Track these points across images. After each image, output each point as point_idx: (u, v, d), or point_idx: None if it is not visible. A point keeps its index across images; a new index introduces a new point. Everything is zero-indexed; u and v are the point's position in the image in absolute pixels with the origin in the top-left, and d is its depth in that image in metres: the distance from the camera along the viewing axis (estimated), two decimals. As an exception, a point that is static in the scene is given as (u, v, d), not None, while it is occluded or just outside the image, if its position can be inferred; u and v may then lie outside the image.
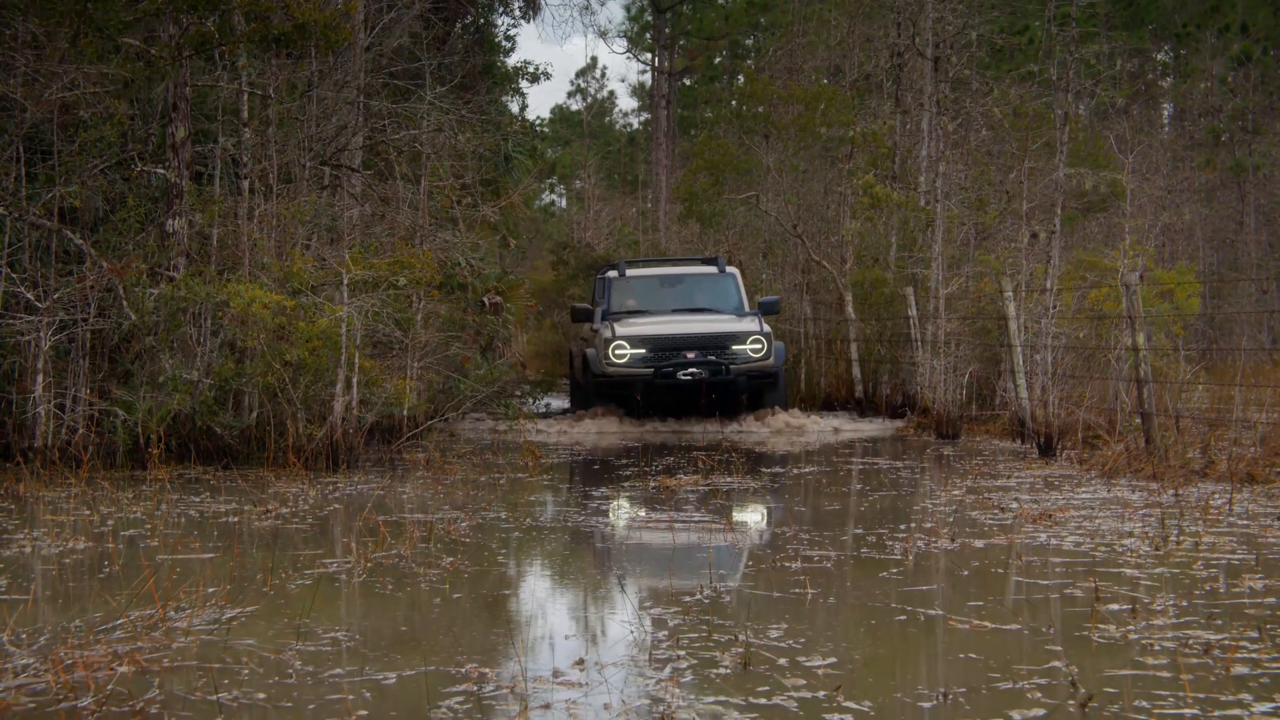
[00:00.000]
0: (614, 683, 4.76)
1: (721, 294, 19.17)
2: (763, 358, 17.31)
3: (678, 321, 17.96)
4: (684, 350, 17.20)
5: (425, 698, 4.62)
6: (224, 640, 5.43)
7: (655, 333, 17.46)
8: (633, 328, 17.65)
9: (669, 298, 19.25)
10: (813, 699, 4.57)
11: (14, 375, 12.19)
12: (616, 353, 17.29)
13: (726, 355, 17.18)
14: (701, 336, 17.36)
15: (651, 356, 17.26)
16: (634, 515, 9.42)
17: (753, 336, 17.33)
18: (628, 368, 17.31)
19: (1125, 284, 13.08)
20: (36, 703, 4.43)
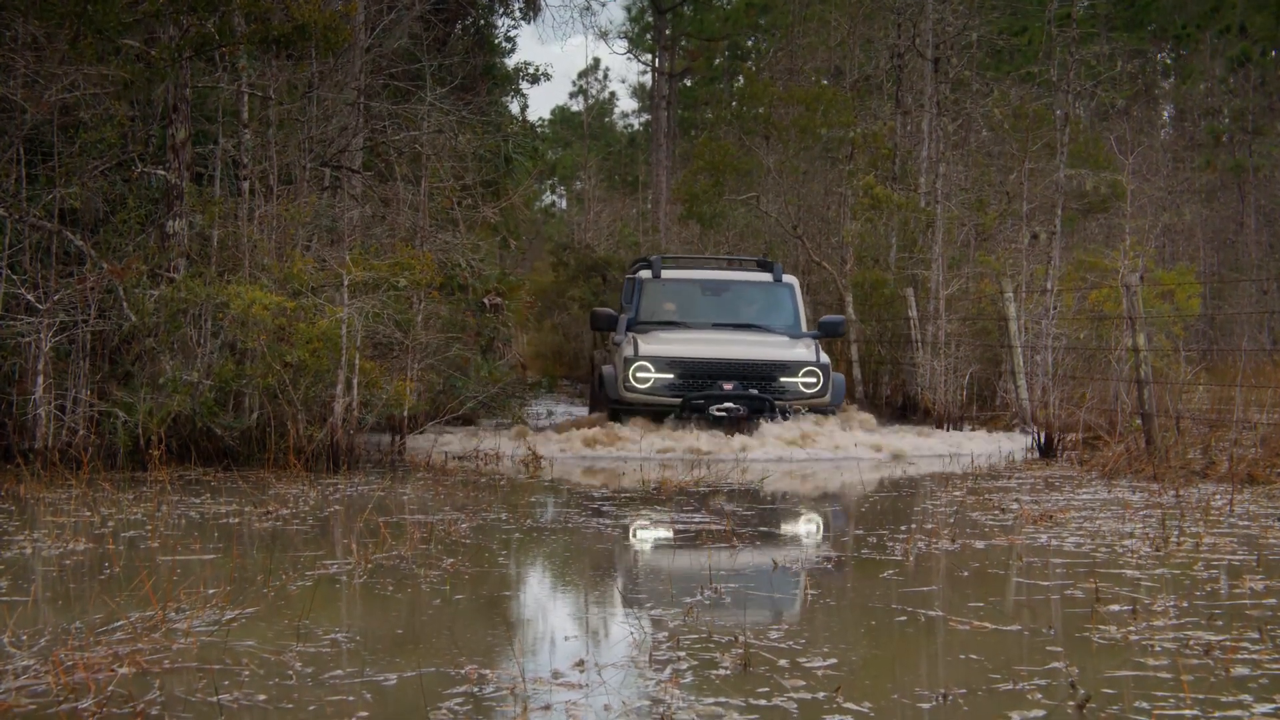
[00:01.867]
0: (613, 684, 4.76)
1: (775, 308, 16.43)
2: (817, 393, 14.80)
3: (717, 342, 15.25)
4: (721, 379, 14.64)
5: (425, 699, 4.62)
6: (224, 641, 5.43)
7: (688, 354, 14.87)
8: (661, 345, 15.10)
9: (711, 308, 16.54)
10: (812, 700, 4.57)
11: (14, 376, 12.19)
12: (638, 375, 14.79)
13: (773, 388, 14.69)
14: (744, 364, 14.74)
15: (680, 384, 14.72)
16: (635, 515, 9.41)
17: (807, 368, 14.77)
18: (651, 394, 14.81)
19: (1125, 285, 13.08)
20: (37, 704, 4.43)
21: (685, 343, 15.22)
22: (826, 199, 24.43)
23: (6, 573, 7.15)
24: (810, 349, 14.99)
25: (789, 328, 16.00)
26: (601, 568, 7.50)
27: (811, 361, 14.81)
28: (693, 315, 16.33)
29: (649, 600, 6.35)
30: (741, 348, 15.00)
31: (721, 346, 15.05)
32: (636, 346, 14.90)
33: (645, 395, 14.78)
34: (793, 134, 24.63)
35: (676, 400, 14.67)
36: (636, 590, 6.63)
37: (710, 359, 14.76)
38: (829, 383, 14.82)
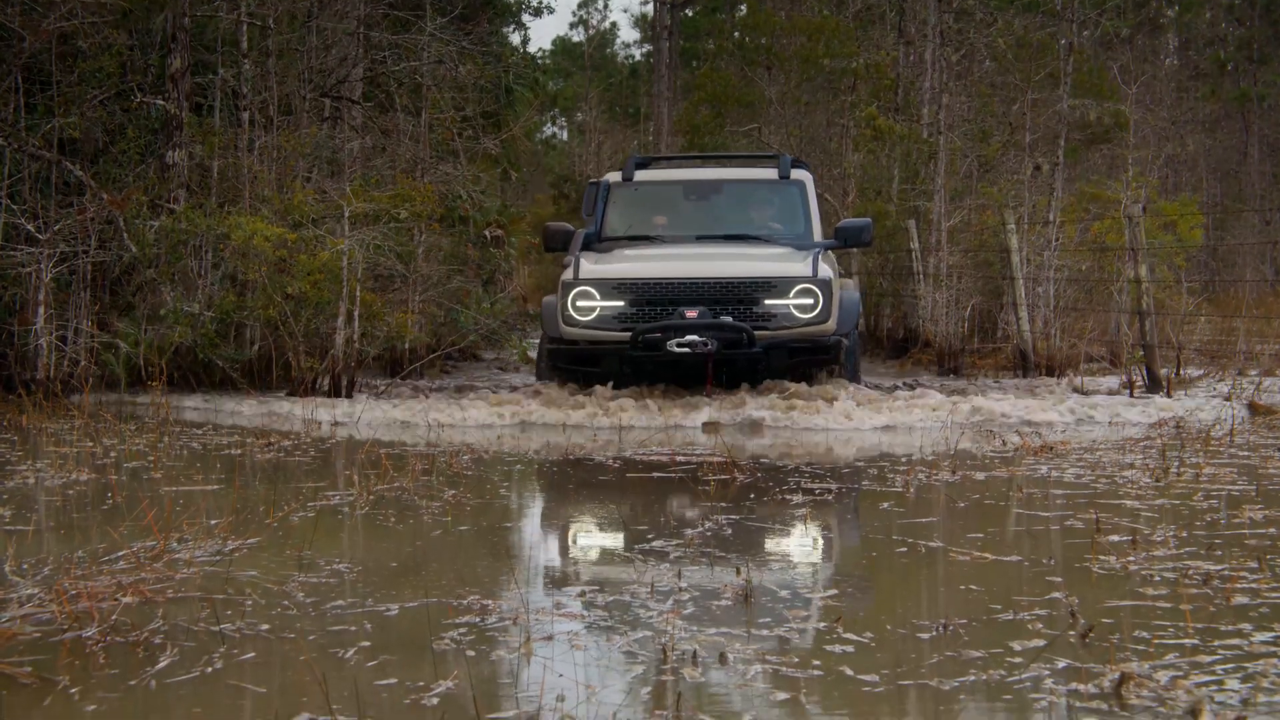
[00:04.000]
0: (616, 614, 4.77)
1: (780, 212, 13.01)
2: (816, 319, 11.31)
3: (688, 258, 11.83)
4: (683, 305, 11.20)
5: (428, 629, 4.64)
6: (227, 572, 5.44)
7: (641, 274, 11.43)
8: (610, 265, 11.72)
9: (696, 217, 13.08)
10: (813, 630, 4.58)
11: (15, 307, 12.19)
12: (578, 305, 11.42)
13: (755, 315, 11.26)
14: (715, 284, 11.29)
15: (633, 313, 11.32)
16: (637, 448, 9.42)
17: (800, 285, 11.28)
18: (595, 329, 11.43)
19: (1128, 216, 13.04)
20: (42, 632, 4.45)
21: (644, 260, 11.78)
22: (829, 130, 24.32)
23: (9, 502, 7.17)
24: (807, 262, 11.38)
25: (798, 237, 12.43)
26: (603, 501, 7.51)
27: (806, 277, 11.22)
28: (674, 227, 12.92)
29: (651, 532, 6.36)
30: (715, 263, 11.54)
31: (689, 263, 11.59)
32: (578, 268, 11.47)
33: (588, 330, 11.41)
34: (795, 65, 24.48)
35: (626, 335, 11.28)
36: (638, 522, 6.64)
37: (670, 279, 11.28)
38: (831, 305, 11.28)
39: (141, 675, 4.04)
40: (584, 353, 11.58)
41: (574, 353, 11.62)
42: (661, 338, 11.05)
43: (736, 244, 12.41)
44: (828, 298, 11.31)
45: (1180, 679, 3.95)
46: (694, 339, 10.93)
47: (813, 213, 12.83)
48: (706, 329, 11.00)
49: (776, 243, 12.42)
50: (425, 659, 4.28)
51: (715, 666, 4.18)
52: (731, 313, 11.21)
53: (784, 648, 4.40)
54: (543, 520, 7.09)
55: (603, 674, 4.10)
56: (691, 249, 12.22)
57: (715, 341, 10.94)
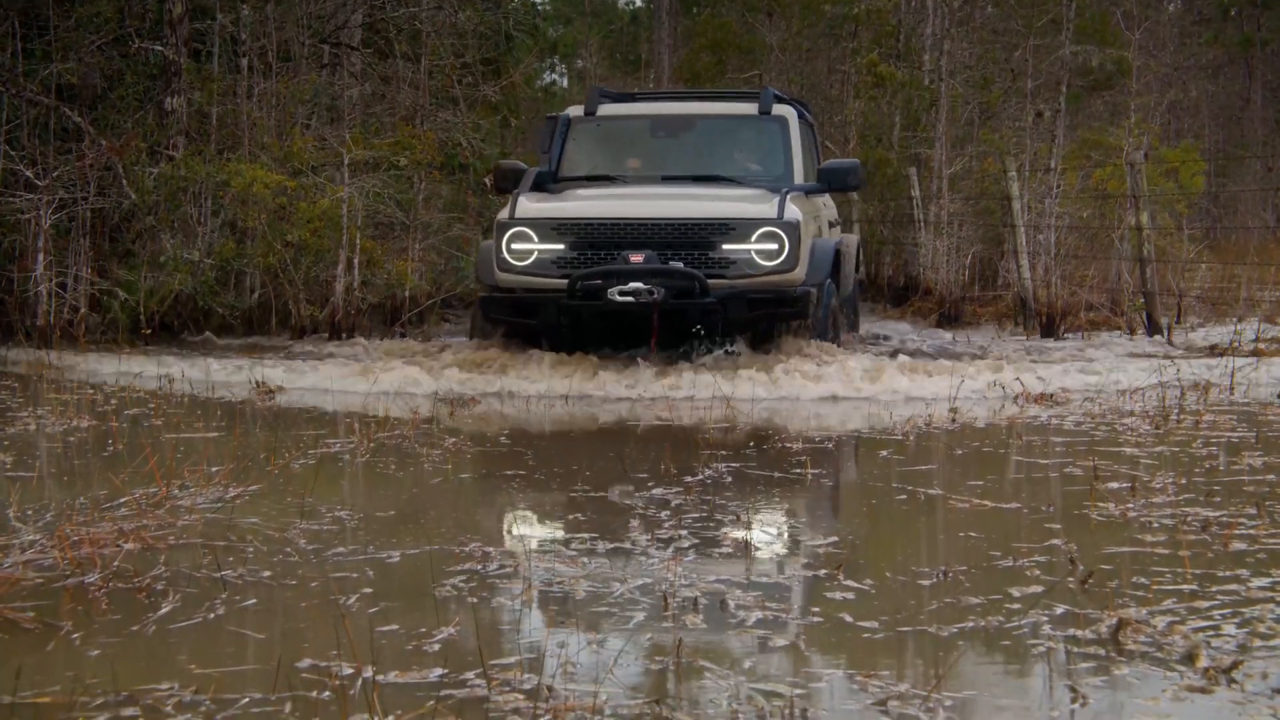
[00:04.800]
0: (617, 562, 4.79)
1: (758, 152, 11.56)
2: (780, 267, 9.95)
3: (641, 197, 10.51)
4: (629, 249, 9.87)
5: (429, 576, 4.65)
6: (228, 519, 5.46)
7: (583, 214, 10.17)
8: (550, 204, 10.44)
9: (664, 155, 11.73)
10: (814, 578, 4.60)
11: (15, 254, 12.18)
12: (514, 248, 10.08)
13: (711, 261, 9.90)
14: (664, 225, 9.95)
15: (573, 258, 9.98)
16: (639, 395, 9.42)
17: (763, 229, 9.91)
18: (532, 275, 10.06)
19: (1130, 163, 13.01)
20: (44, 578, 4.47)
21: (589, 199, 10.50)
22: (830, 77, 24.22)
23: (11, 448, 7.18)
24: (772, 203, 10.02)
25: (777, 179, 11.00)
26: (603, 449, 7.52)
27: (768, 219, 9.86)
28: (641, 167, 11.63)
29: (651, 480, 6.38)
30: (667, 202, 10.24)
31: (638, 202, 10.28)
32: (514, 206, 10.19)
33: (525, 276, 10.04)
34: (796, 11, 24.36)
35: (564, 283, 9.88)
36: (639, 469, 6.65)
37: (614, 219, 9.97)
38: (798, 251, 9.92)
39: (144, 621, 4.06)
40: (519, 302, 10.12)
41: (508, 302, 10.17)
42: (602, 285, 9.65)
43: (705, 186, 10.86)
44: (794, 243, 9.86)
45: (1177, 624, 3.97)
46: (638, 286, 9.57)
47: (795, 152, 11.35)
48: (653, 275, 9.62)
49: (752, 185, 10.82)
50: (427, 606, 4.30)
51: (716, 613, 4.19)
52: (684, 258, 9.82)
53: (784, 595, 4.42)
54: (542, 464, 7.09)
55: (604, 621, 4.12)
56: (648, 189, 10.78)
57: (663, 290, 9.59)
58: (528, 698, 3.35)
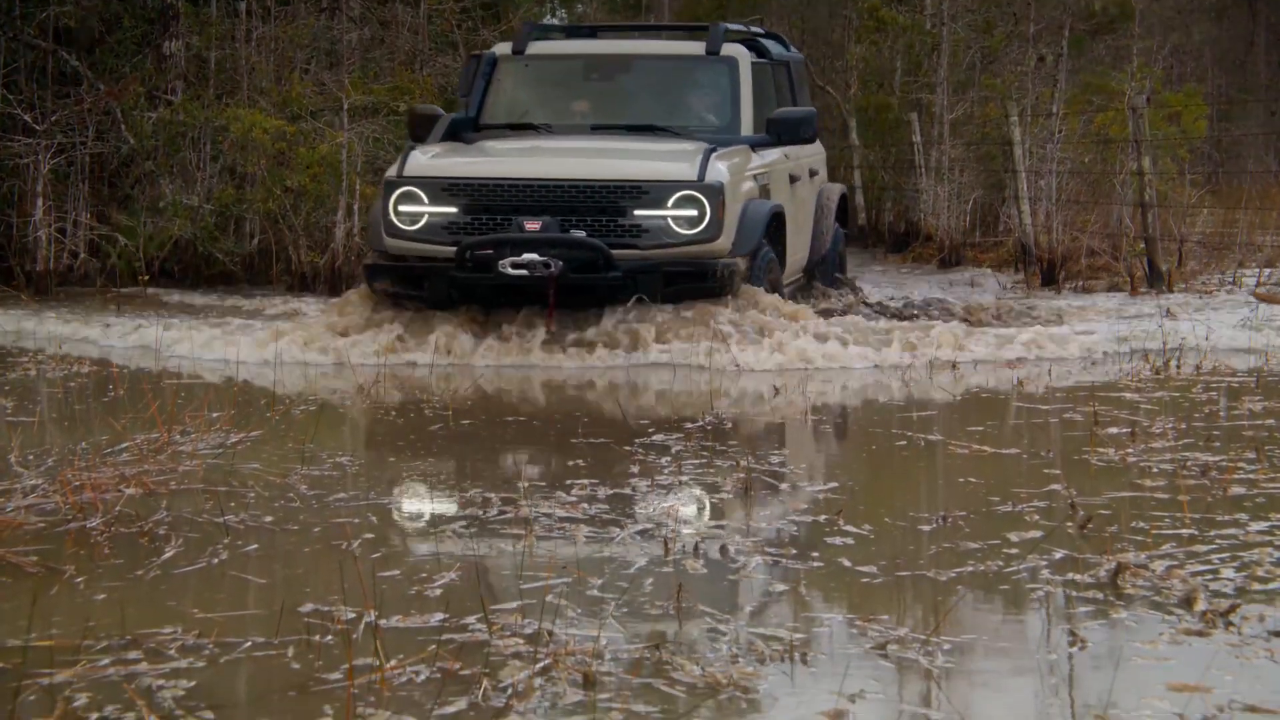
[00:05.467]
0: (618, 507, 4.81)
1: (701, 99, 10.22)
2: (700, 235, 8.62)
3: (541, 152, 9.40)
4: (527, 214, 8.62)
5: (430, 522, 4.67)
6: (229, 464, 5.48)
7: (477, 173, 8.96)
8: (445, 160, 9.23)
9: (596, 102, 10.37)
10: (814, 523, 4.62)
11: (14, 199, 12.15)
12: (401, 210, 8.84)
13: (622, 229, 8.63)
14: (567, 186, 8.70)
15: (467, 223, 8.71)
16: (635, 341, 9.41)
17: (680, 193, 8.63)
18: (422, 241, 8.80)
19: (1132, 107, 12.95)
20: (46, 522, 4.49)
21: (488, 157, 9.41)
22: (831, 22, 24.06)
23: (12, 394, 7.19)
24: (694, 161, 8.73)
25: (721, 129, 9.76)
26: (604, 396, 7.54)
27: (686, 181, 8.63)
28: (568, 114, 10.26)
29: (651, 426, 6.39)
30: (573, 160, 9.09)
31: (541, 160, 9.18)
32: (404, 161, 9.04)
33: (414, 243, 8.80)
34: (797, -47, 24.18)
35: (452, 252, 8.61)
36: (640, 416, 6.66)
37: (510, 179, 8.81)
38: (721, 217, 8.65)
39: (147, 565, 4.08)
40: (406, 272, 8.91)
41: (395, 271, 8.94)
42: (494, 255, 8.40)
43: (637, 138, 9.60)
44: (716, 207, 8.54)
45: (1176, 568, 3.98)
46: (533, 258, 8.28)
47: (744, 99, 9.88)
48: (550, 245, 8.35)
49: (692, 137, 9.36)
50: (428, 551, 4.32)
51: (716, 559, 4.21)
52: (590, 226, 8.54)
53: (784, 540, 4.43)
54: (544, 411, 7.09)
55: (604, 566, 4.14)
56: (562, 143, 9.57)
57: (560, 263, 8.30)
58: (528, 642, 3.37)
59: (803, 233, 10.66)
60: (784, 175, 10.10)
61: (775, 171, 9.87)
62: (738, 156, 9.21)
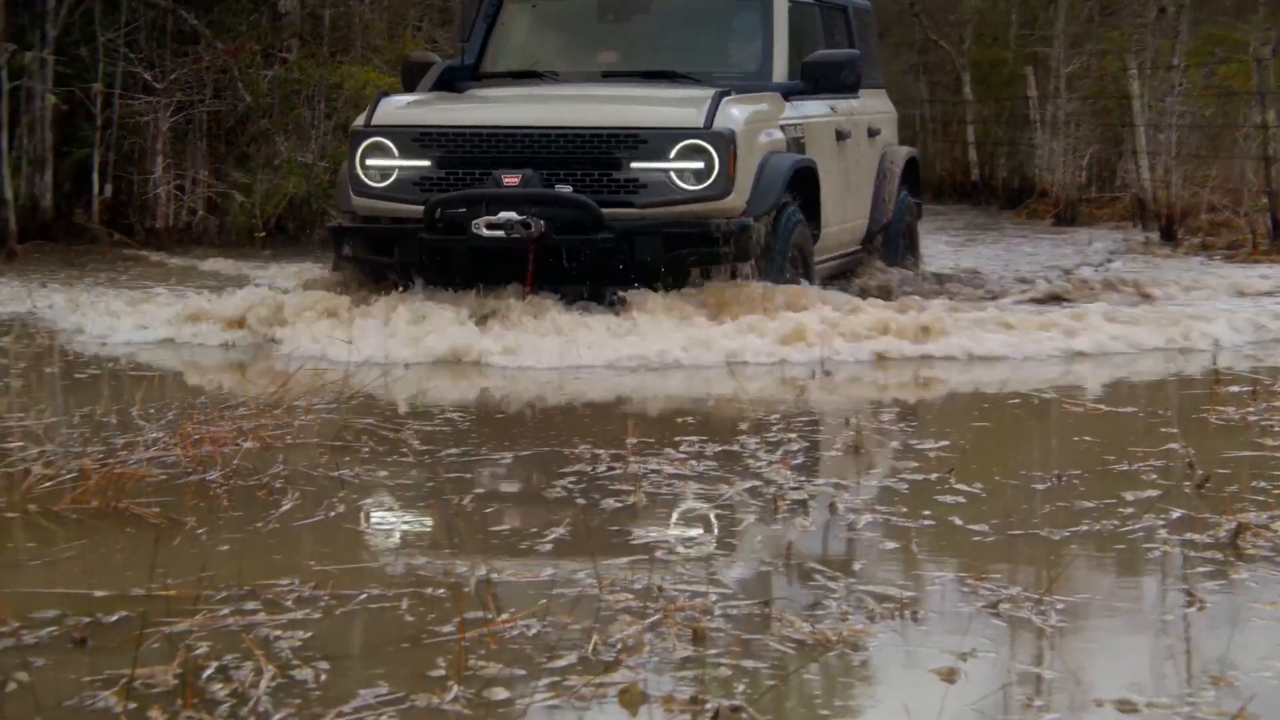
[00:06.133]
0: (726, 465, 4.81)
1: (737, 42, 8.93)
2: (707, 191, 7.50)
3: (528, 99, 8.41)
4: (507, 167, 7.53)
5: (542, 477, 4.70)
6: (344, 419, 5.55)
7: (452, 120, 7.95)
8: (419, 109, 8.27)
9: (613, 46, 9.14)
10: (924, 481, 4.58)
11: (135, 156, 12.37)
12: (369, 164, 7.80)
13: (617, 184, 7.54)
14: (553, 135, 7.64)
15: (440, 178, 7.67)
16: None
17: (684, 142, 7.53)
18: (392, 200, 7.79)
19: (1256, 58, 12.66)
20: (167, 474, 4.57)
21: (473, 103, 8.39)
22: (946, -27, 23.74)
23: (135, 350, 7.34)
24: (701, 107, 7.55)
25: (750, 75, 8.53)
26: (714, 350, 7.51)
27: (691, 129, 7.53)
28: (579, 60, 9.05)
29: (755, 381, 6.37)
30: (562, 107, 8.07)
31: (526, 106, 8.20)
32: (374, 110, 7.96)
33: (383, 202, 7.80)
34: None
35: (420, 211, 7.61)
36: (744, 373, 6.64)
37: (489, 128, 7.74)
38: (732, 169, 7.47)
39: (265, 518, 4.14)
40: (373, 234, 7.96)
41: (362, 234, 7.98)
42: (467, 215, 7.40)
43: (652, 84, 8.49)
44: (726, 159, 7.42)
45: (1298, 531, 3.91)
46: (510, 217, 7.20)
47: (777, 42, 8.58)
48: (530, 203, 7.29)
49: (715, 84, 7.97)
50: (539, 506, 4.35)
51: (825, 516, 4.20)
52: (580, 180, 7.48)
53: (893, 498, 4.41)
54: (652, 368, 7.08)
55: (713, 522, 4.14)
56: (560, 90, 8.53)
57: (541, 222, 7.23)
58: (638, 597, 3.38)
59: (853, 198, 9.32)
60: (827, 130, 8.86)
61: (814, 125, 8.63)
62: (760, 104, 8.10)
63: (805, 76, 8.40)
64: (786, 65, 8.52)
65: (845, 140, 9.07)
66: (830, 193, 8.62)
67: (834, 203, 8.74)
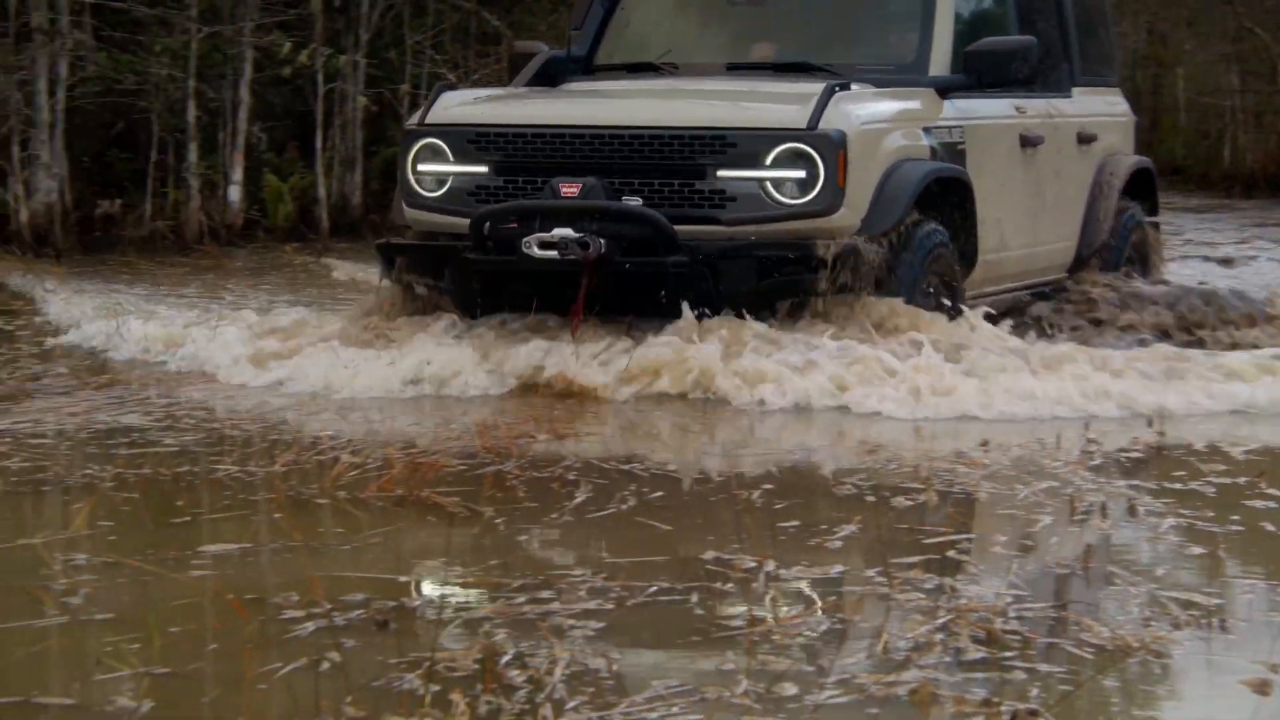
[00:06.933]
0: (1019, 462, 4.71)
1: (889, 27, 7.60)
2: (809, 206, 6.22)
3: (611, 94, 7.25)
4: (568, 172, 6.35)
5: (829, 474, 4.68)
6: (637, 412, 5.62)
7: (508, 120, 6.83)
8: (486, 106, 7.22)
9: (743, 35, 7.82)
10: (1231, 484, 4.41)
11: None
12: (423, 170, 6.72)
13: (697, 198, 6.30)
14: (624, 137, 6.42)
15: (499, 186, 6.55)
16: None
17: (782, 147, 6.26)
18: (446, 213, 6.65)
19: None
20: (466, 465, 4.70)
21: (545, 99, 7.22)
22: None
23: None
24: (806, 105, 6.25)
25: (902, 68, 7.16)
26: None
27: (792, 130, 6.28)
28: (705, 50, 7.76)
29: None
30: (643, 103, 6.87)
31: (603, 102, 6.99)
32: (429, 107, 6.85)
33: (437, 215, 6.65)
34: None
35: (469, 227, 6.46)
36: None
37: (551, 127, 6.57)
38: (842, 181, 6.20)
39: (559, 509, 4.23)
40: (426, 254, 6.77)
41: (412, 253, 6.80)
42: (518, 230, 6.20)
43: (780, 79, 7.12)
44: (834, 167, 6.12)
45: None
46: (566, 234, 6.00)
47: (939, 25, 7.13)
48: (590, 217, 6.10)
49: (856, 77, 6.75)
50: (828, 503, 4.34)
51: (1124, 519, 4.08)
52: (656, 192, 6.26)
53: (1198, 501, 4.25)
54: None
55: (1007, 523, 4.07)
56: (660, 84, 7.28)
57: (602, 241, 6.00)
58: (928, 596, 3.34)
59: (1049, 216, 7.77)
60: (1002, 135, 7.35)
61: (981, 128, 7.12)
62: (897, 101, 6.82)
63: (967, 69, 6.92)
64: (949, 56, 7.09)
65: (1035, 147, 7.51)
66: (1001, 210, 7.17)
67: (1010, 222, 7.30)
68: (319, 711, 2.64)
